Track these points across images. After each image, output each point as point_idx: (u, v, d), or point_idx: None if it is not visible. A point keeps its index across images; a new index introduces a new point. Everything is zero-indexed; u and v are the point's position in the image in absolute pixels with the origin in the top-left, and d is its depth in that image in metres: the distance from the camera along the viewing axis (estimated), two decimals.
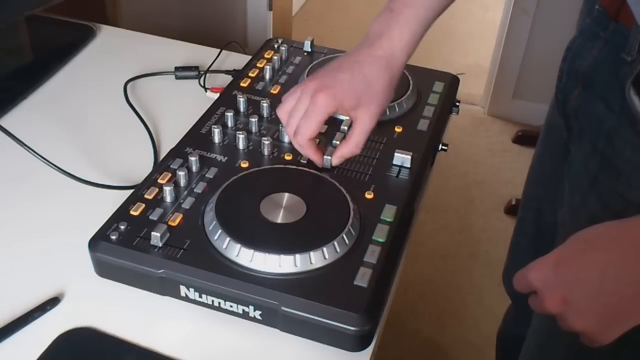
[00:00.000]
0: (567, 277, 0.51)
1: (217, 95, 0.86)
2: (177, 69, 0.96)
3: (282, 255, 0.60)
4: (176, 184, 0.69)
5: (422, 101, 0.84)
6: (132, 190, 0.69)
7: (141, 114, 0.87)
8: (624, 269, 0.49)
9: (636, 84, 0.65)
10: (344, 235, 0.62)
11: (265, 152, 0.74)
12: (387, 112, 0.80)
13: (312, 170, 0.71)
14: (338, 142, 0.74)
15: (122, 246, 0.62)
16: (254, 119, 0.77)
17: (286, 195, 0.67)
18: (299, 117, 0.68)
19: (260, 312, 0.59)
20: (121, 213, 0.65)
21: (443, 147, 0.80)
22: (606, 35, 0.71)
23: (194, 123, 0.78)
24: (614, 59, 0.68)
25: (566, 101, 0.79)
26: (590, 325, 0.51)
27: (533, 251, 0.98)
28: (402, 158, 0.73)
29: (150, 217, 0.65)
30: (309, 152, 0.70)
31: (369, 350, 0.60)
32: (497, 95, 2.40)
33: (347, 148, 0.70)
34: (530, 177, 0.98)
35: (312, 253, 0.61)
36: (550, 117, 0.90)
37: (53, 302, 0.63)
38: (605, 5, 0.71)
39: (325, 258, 0.61)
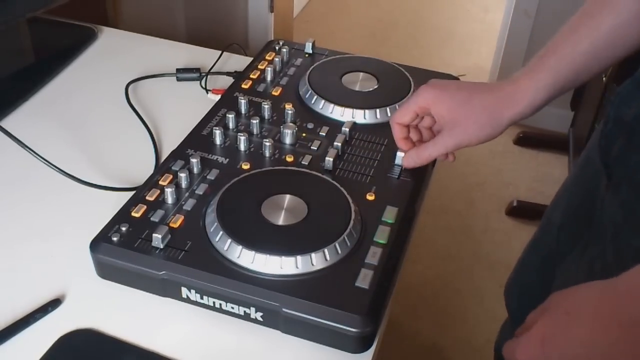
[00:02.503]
0: (555, 354, 0.49)
1: (219, 97, 0.86)
2: (178, 70, 0.96)
3: (283, 257, 0.60)
4: (177, 186, 0.69)
5: None
6: (133, 192, 0.69)
7: (142, 116, 0.87)
8: (609, 345, 0.47)
9: None
10: (345, 237, 0.63)
11: (267, 154, 0.74)
12: (389, 114, 0.81)
13: (313, 172, 0.71)
14: (339, 144, 0.75)
15: (124, 248, 0.62)
16: (255, 121, 0.77)
17: (287, 196, 0.67)
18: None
19: (261, 314, 0.59)
20: (122, 215, 0.65)
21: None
22: None
23: (195, 125, 0.79)
24: None
25: (609, 149, 0.75)
26: None
27: (539, 273, 0.97)
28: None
29: (152, 219, 0.65)
30: (395, 134, 0.74)
31: (370, 351, 0.60)
32: None
33: (412, 154, 0.72)
34: (557, 202, 0.94)
35: (313, 255, 0.61)
36: (590, 152, 0.85)
37: (54, 303, 0.63)
38: None
39: (326, 260, 0.61)
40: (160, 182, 0.69)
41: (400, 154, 0.73)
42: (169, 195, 0.67)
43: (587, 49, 0.67)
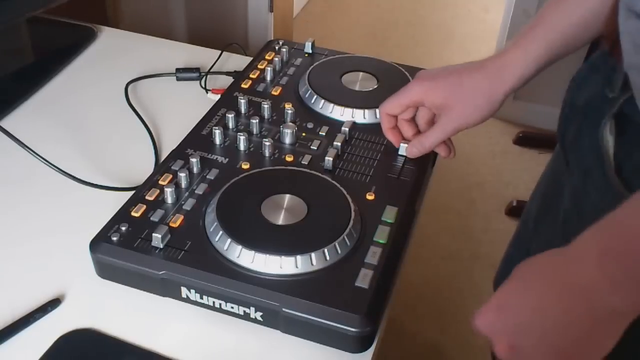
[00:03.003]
0: (510, 323, 0.49)
1: (218, 96, 0.86)
2: (178, 70, 0.96)
3: (283, 257, 0.60)
4: (177, 185, 0.69)
5: None
6: (133, 192, 0.69)
7: (142, 116, 0.87)
8: (562, 311, 0.47)
9: (618, 124, 0.63)
10: (345, 237, 0.62)
11: (266, 154, 0.74)
12: None
13: (313, 172, 0.71)
14: (339, 144, 0.75)
15: (123, 247, 0.62)
16: (255, 120, 0.77)
17: (287, 196, 0.67)
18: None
19: (261, 314, 0.59)
20: (122, 214, 0.65)
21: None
22: (605, 69, 0.68)
23: (195, 124, 0.78)
24: (602, 94, 0.66)
25: (565, 133, 0.76)
26: None
27: None
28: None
29: (151, 219, 0.65)
30: (386, 129, 0.74)
31: (370, 351, 0.60)
32: None
33: (416, 143, 0.72)
34: (534, 194, 0.95)
35: (313, 254, 0.61)
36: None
37: (54, 303, 0.63)
38: (607, 38, 0.67)
39: (326, 259, 0.61)
40: (160, 182, 0.69)
41: (403, 145, 0.74)
42: (169, 195, 0.67)
43: (578, 20, 0.67)
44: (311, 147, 0.76)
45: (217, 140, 0.75)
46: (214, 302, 0.61)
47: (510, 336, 0.49)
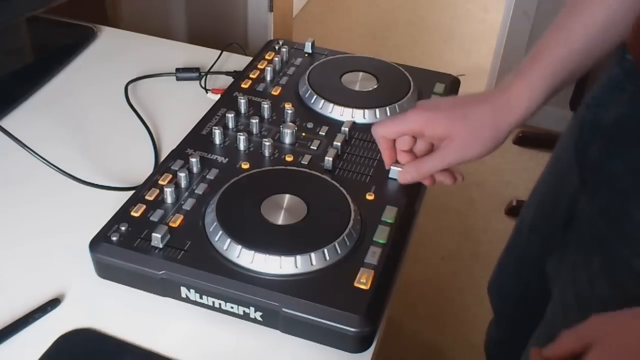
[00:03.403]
0: None
1: (218, 96, 0.86)
2: (178, 70, 0.96)
3: (282, 257, 0.60)
4: (177, 185, 0.69)
5: None
6: (132, 192, 0.69)
7: (142, 115, 0.87)
8: None
9: None
10: (345, 237, 0.62)
11: (266, 154, 0.74)
12: (388, 114, 0.81)
13: (313, 172, 0.71)
14: (339, 144, 0.75)
15: (123, 247, 0.62)
16: (254, 120, 0.77)
17: (287, 196, 0.67)
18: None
19: (260, 314, 0.59)
20: (122, 214, 0.65)
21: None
22: (634, 88, 0.65)
23: (195, 124, 0.78)
24: (638, 116, 0.64)
25: (585, 152, 0.73)
26: None
27: (517, 275, 0.96)
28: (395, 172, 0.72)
29: (151, 219, 0.65)
30: (381, 148, 0.70)
31: (370, 351, 0.60)
32: None
33: (410, 169, 0.69)
34: (530, 201, 0.93)
35: (312, 254, 0.61)
36: (560, 152, 0.84)
37: (54, 303, 0.63)
38: (635, 57, 0.65)
39: (326, 259, 0.61)
40: (160, 182, 0.69)
41: (395, 169, 0.71)
42: (169, 194, 0.67)
43: (581, 47, 0.65)
44: (311, 147, 0.76)
45: (217, 140, 0.75)
46: (213, 302, 0.61)
47: None
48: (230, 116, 0.78)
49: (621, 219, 0.67)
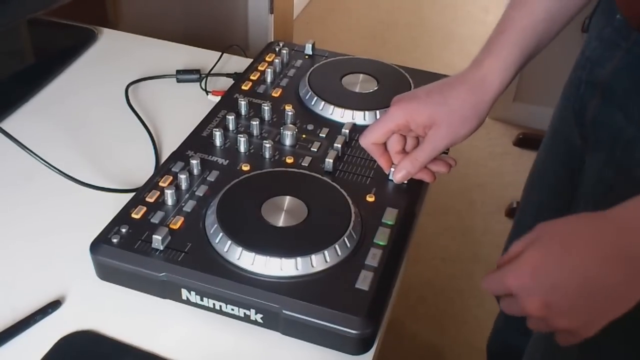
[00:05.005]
0: (546, 283, 0.51)
1: (219, 98, 0.86)
2: (178, 72, 0.96)
3: (283, 259, 0.60)
4: (177, 187, 0.69)
5: None
6: (133, 194, 0.69)
7: (142, 117, 0.87)
8: (602, 271, 0.50)
9: None
10: (345, 239, 0.62)
11: (267, 155, 0.74)
12: None
13: (313, 174, 0.71)
14: (339, 146, 0.75)
15: (124, 249, 0.62)
16: (255, 122, 0.77)
17: (287, 198, 0.67)
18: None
19: (261, 316, 0.59)
20: (122, 216, 0.65)
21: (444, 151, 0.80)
22: (628, 45, 0.70)
23: (195, 126, 0.79)
24: (635, 68, 0.67)
25: (583, 110, 0.77)
26: (572, 323, 0.51)
27: None
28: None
29: (152, 220, 0.65)
30: (375, 156, 0.72)
31: (370, 353, 0.60)
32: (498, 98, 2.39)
33: (405, 164, 0.70)
34: (531, 181, 0.97)
35: (313, 256, 0.61)
36: (556, 123, 0.88)
37: (54, 305, 0.63)
38: (628, 15, 0.70)
39: (326, 261, 0.61)
40: (160, 184, 0.69)
41: (391, 169, 0.71)
42: (169, 196, 0.67)
43: (545, 16, 0.68)
44: (311, 148, 0.76)
45: (218, 142, 0.75)
46: (214, 304, 0.61)
47: (545, 294, 0.51)
48: (230, 118, 0.78)
49: (630, 167, 0.69)
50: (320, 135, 0.78)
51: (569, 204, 0.82)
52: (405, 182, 0.71)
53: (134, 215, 0.65)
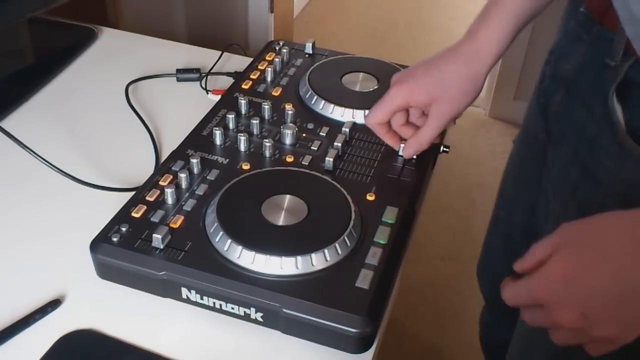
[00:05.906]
0: (582, 292, 0.47)
1: (219, 97, 0.86)
2: (178, 71, 0.96)
3: (283, 257, 0.60)
4: (177, 186, 0.69)
5: None
6: (133, 193, 0.69)
7: (142, 116, 0.87)
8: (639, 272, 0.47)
9: (620, 91, 0.63)
10: (346, 237, 0.62)
11: (267, 154, 0.74)
12: None
13: (313, 172, 0.71)
14: (339, 145, 0.75)
15: (124, 248, 0.62)
16: (255, 121, 0.77)
17: (287, 197, 0.67)
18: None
19: (261, 314, 0.59)
20: (122, 215, 0.65)
21: (444, 149, 0.80)
22: (590, 38, 0.69)
23: (196, 125, 0.78)
24: (597, 63, 0.66)
25: (548, 105, 0.77)
26: (612, 331, 0.48)
27: (503, 252, 0.98)
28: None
29: (152, 219, 0.65)
30: (381, 135, 0.74)
31: (371, 352, 0.60)
32: (498, 96, 2.40)
33: (412, 142, 0.72)
34: (505, 176, 0.98)
35: (313, 255, 0.61)
36: (528, 118, 0.88)
37: (54, 304, 0.63)
38: (591, 8, 0.69)
39: (326, 260, 0.61)
40: (161, 183, 0.69)
41: (400, 145, 0.74)
42: (169, 195, 0.67)
43: None
44: (311, 147, 0.76)
45: (218, 140, 0.75)
46: (214, 303, 0.61)
47: (581, 305, 0.47)
48: (230, 117, 0.78)
49: (593, 166, 0.69)
50: (321, 134, 0.78)
51: (537, 198, 0.82)
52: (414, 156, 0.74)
53: (134, 214, 0.65)
